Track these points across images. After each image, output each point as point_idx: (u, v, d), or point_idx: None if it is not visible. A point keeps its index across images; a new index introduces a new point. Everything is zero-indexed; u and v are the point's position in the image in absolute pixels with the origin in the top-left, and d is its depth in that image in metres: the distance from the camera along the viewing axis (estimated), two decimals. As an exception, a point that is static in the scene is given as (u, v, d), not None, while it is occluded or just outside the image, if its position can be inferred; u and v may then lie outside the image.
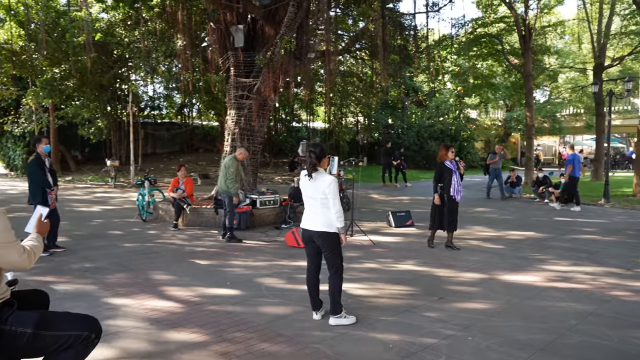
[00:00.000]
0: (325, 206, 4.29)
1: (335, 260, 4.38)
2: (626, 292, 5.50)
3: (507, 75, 27.48)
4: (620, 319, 4.62)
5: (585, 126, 32.26)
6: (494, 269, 6.47)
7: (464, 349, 3.87)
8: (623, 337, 4.15)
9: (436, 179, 7.51)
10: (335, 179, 4.35)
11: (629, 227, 10.12)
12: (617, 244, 8.33)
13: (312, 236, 4.40)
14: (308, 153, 4.35)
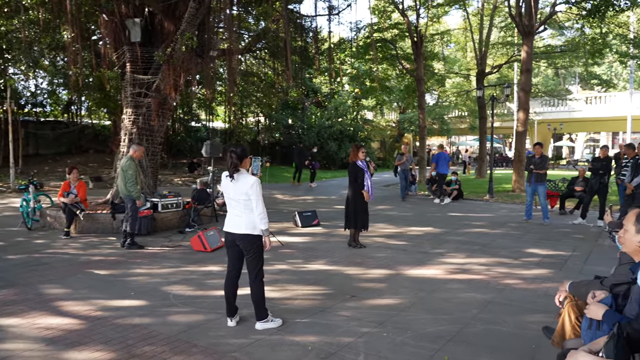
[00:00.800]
0: (248, 208, 4.17)
1: (257, 264, 4.28)
2: (516, 280, 6.00)
3: (401, 79, 28.91)
4: (514, 305, 5.03)
5: (470, 127, 34.94)
6: (400, 264, 6.74)
7: (380, 345, 3.97)
8: (519, 322, 4.51)
9: (351, 179, 7.65)
10: (258, 179, 4.24)
11: (512, 220, 11.10)
12: (503, 236, 9.08)
13: (236, 239, 4.26)
14: (229, 153, 4.19)
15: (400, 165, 15.27)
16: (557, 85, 40.43)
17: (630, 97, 29.04)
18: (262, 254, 4.33)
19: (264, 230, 4.21)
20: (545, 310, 4.81)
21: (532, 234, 9.31)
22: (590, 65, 24.56)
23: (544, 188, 10.55)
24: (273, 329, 4.29)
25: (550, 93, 33.53)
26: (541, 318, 4.61)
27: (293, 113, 29.99)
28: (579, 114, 33.34)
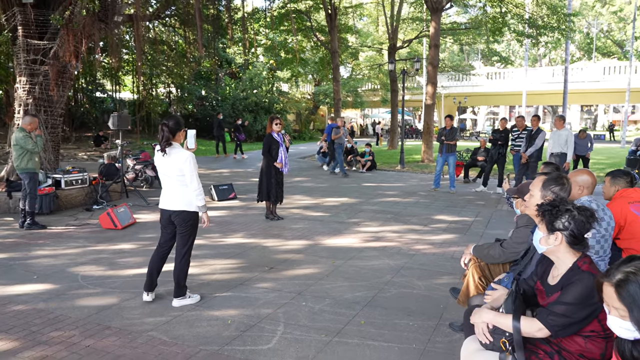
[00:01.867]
0: (182, 184, 4.04)
1: (187, 241, 4.18)
2: (426, 246, 6.36)
3: (316, 51, 28.92)
4: (424, 269, 5.33)
5: (382, 100, 35.92)
6: (317, 234, 6.87)
7: (299, 314, 4.05)
8: (429, 285, 4.80)
9: (265, 151, 7.58)
10: (192, 154, 4.08)
11: (421, 189, 11.67)
12: (414, 204, 9.54)
13: (171, 216, 4.12)
14: (160, 126, 4.00)
15: (337, 139, 14.27)
16: (462, 60, 42.51)
17: (525, 73, 31.30)
18: (195, 231, 4.23)
19: (200, 206, 4.10)
20: (452, 273, 5.16)
21: (440, 201, 9.86)
22: (491, 43, 26.02)
23: (454, 158, 11.15)
24: (191, 305, 4.23)
25: (456, 68, 35.22)
26: (449, 280, 4.94)
27: (206, 84, 29.04)
28: (481, 89, 35.46)
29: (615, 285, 1.56)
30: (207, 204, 4.33)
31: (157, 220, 7.66)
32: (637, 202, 3.96)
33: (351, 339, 3.60)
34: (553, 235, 2.16)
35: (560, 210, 2.16)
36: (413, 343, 3.54)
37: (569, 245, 2.15)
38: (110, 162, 10.27)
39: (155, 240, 6.54)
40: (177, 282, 4.20)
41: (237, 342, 3.54)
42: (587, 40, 43.49)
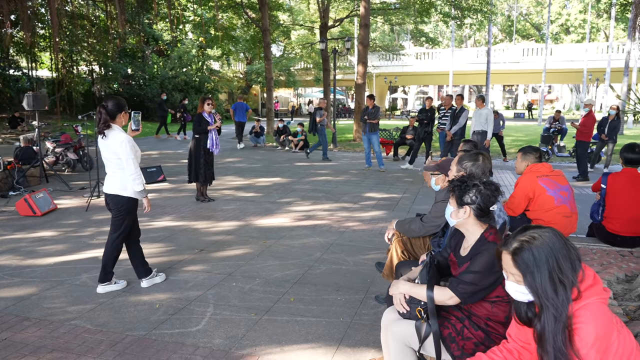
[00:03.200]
0: (120, 167, 3.92)
1: (119, 226, 4.06)
2: (356, 223, 6.53)
3: (247, 29, 28.34)
4: (354, 245, 5.49)
5: (314, 80, 35.93)
6: (248, 215, 6.86)
7: (229, 295, 4.06)
8: (357, 261, 4.96)
9: (195, 131, 7.41)
10: (129, 137, 3.94)
11: (353, 167, 11.91)
12: (345, 182, 9.73)
13: (107, 200, 4.03)
14: (98, 108, 3.84)
15: (321, 121, 13.35)
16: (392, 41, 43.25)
17: (452, 54, 32.40)
18: (129, 217, 4.10)
19: (139, 191, 3.98)
20: (379, 248, 5.35)
21: (370, 179, 10.12)
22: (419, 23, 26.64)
23: (377, 137, 11.37)
24: (117, 291, 4.13)
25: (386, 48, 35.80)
26: (376, 255, 5.12)
27: (132, 62, 27.73)
28: (411, 69, 36.34)
29: (512, 253, 1.70)
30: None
31: (80, 205, 7.37)
32: (544, 176, 4.27)
33: (280, 316, 3.67)
34: (462, 209, 2.31)
35: (468, 186, 2.31)
36: (340, 317, 3.67)
37: (477, 217, 2.31)
38: (27, 145, 9.64)
39: (79, 226, 6.32)
40: (104, 267, 4.09)
41: (166, 325, 3.51)
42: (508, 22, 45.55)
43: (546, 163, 4.48)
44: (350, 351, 3.18)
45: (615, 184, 4.27)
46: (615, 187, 4.26)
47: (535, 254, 1.64)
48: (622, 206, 4.18)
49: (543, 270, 1.63)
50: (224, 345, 3.23)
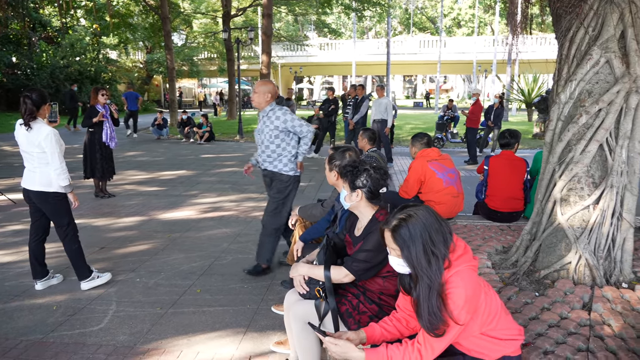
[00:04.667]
0: (43, 162, 3.71)
1: (61, 222, 3.88)
2: (262, 212, 6.58)
3: (145, 16, 27.07)
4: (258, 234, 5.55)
5: (219, 70, 35.23)
6: (152, 209, 6.68)
7: (133, 291, 3.98)
8: (264, 249, 5.04)
9: (86, 124, 7.01)
10: (54, 130, 3.74)
11: (260, 158, 11.92)
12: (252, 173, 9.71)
13: (30, 196, 3.82)
14: (22, 99, 3.63)
15: None
16: (297, 31, 43.49)
17: (354, 45, 33.30)
18: (64, 210, 3.94)
19: (64, 186, 3.83)
20: (285, 235, 5.47)
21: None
22: (321, 14, 27.06)
23: None
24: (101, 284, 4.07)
25: (291, 38, 35.95)
26: (282, 242, 5.23)
27: (17, 50, 25.34)
28: (315, 59, 36.83)
29: (391, 230, 1.88)
30: (21, 185, 3.94)
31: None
32: (434, 160, 4.63)
33: (187, 308, 3.67)
34: (354, 192, 2.47)
35: (359, 170, 2.48)
36: (247, 304, 3.75)
37: (368, 200, 2.49)
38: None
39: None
40: (74, 263, 4.00)
41: (65, 327, 3.37)
42: (406, 15, 47.62)
43: (435, 148, 4.86)
44: (257, 336, 3.27)
45: (495, 166, 4.74)
46: (495, 168, 4.73)
47: (410, 230, 1.83)
48: (501, 185, 4.65)
49: (418, 244, 1.82)
50: (128, 342, 3.18)
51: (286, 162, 4.24)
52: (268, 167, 4.27)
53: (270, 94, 4.13)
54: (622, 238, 3.27)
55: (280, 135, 4.14)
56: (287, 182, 4.27)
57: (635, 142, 3.27)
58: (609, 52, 3.28)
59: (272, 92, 4.15)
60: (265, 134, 4.15)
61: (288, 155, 4.23)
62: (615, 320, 2.72)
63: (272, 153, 4.19)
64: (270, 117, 4.13)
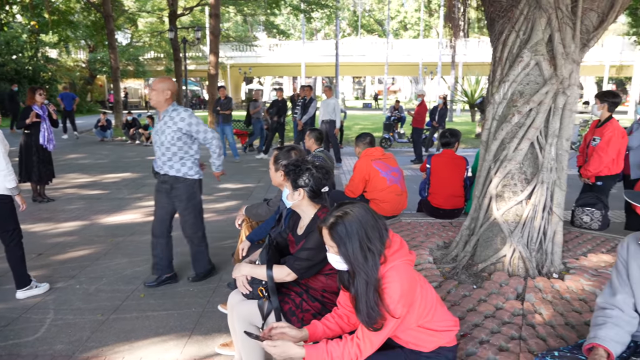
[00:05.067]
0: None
1: (7, 226, 3.71)
2: (210, 214, 6.52)
3: (87, 14, 26.07)
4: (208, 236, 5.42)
5: (166, 70, 34.41)
6: (94, 213, 6.46)
7: (72, 298, 3.84)
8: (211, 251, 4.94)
9: (20, 125, 6.68)
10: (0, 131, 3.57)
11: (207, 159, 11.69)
12: (201, 175, 9.57)
13: None
14: None
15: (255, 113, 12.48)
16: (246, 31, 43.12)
17: (303, 46, 33.40)
18: (10, 214, 3.77)
19: (11, 188, 3.70)
20: (234, 237, 5.43)
21: (225, 170, 10.08)
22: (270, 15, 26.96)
23: (230, 128, 11.37)
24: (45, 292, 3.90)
25: (240, 39, 35.61)
26: (231, 243, 5.21)
27: (-57, 47, 23.82)
28: (265, 60, 36.64)
29: (328, 228, 1.91)
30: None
31: None
32: (378, 160, 4.73)
33: (130, 313, 3.58)
34: (297, 191, 2.49)
35: (301, 169, 2.50)
36: (192, 307, 3.70)
37: (310, 199, 2.51)
38: None
39: None
40: (14, 270, 3.82)
41: (-3, 338, 3.21)
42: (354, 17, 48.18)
43: (378, 147, 4.96)
44: (202, 339, 3.23)
45: (436, 165, 4.89)
46: (436, 167, 4.88)
47: (347, 227, 1.87)
48: (443, 183, 4.81)
49: (354, 241, 1.86)
50: (66, 350, 3.07)
51: (190, 165, 4.01)
52: (169, 172, 3.95)
53: (170, 92, 3.83)
54: (553, 231, 3.46)
55: (183, 138, 3.87)
56: (192, 186, 4.07)
57: (563, 140, 3.47)
58: (538, 54, 3.46)
59: (172, 90, 3.86)
60: (167, 135, 3.83)
61: (191, 159, 4.01)
62: (546, 308, 2.87)
63: (173, 156, 3.90)
64: (173, 118, 3.83)
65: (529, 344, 2.51)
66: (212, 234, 5.54)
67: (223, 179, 9.02)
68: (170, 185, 4.01)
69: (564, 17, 3.45)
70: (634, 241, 2.02)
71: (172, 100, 3.90)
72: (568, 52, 3.44)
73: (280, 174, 3.12)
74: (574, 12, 3.46)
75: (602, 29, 3.60)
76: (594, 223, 4.73)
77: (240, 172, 9.95)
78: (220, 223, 6.08)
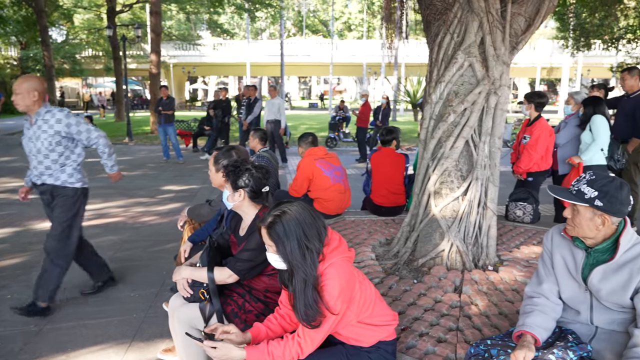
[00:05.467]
0: None
1: None
2: (153, 217, 6.37)
3: (17, 9, 24.69)
4: (149, 240, 5.35)
5: (105, 69, 33.16)
6: (27, 219, 6.15)
7: (2, 309, 3.64)
8: (153, 255, 4.88)
9: None
10: None
11: (150, 161, 11.44)
12: (142, 176, 9.32)
13: None
14: None
15: None
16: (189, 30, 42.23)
17: (248, 45, 33.11)
18: None
19: None
20: (177, 239, 5.31)
21: (169, 172, 9.88)
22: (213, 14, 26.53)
23: (173, 128, 11.09)
24: None
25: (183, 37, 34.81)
26: (173, 246, 5.09)
27: None
28: (209, 59, 36.00)
29: (267, 227, 1.92)
30: None
31: None
32: (321, 159, 4.77)
33: (66, 322, 3.44)
34: (237, 192, 2.48)
35: (241, 170, 2.49)
36: (133, 313, 3.59)
37: (251, 199, 2.51)
38: None
39: None
40: None
41: None
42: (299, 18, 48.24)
43: (321, 146, 5.00)
44: (144, 345, 3.15)
45: (377, 162, 4.99)
46: (377, 164, 4.99)
47: (285, 226, 1.88)
48: (384, 181, 4.92)
49: (292, 239, 1.87)
50: (-5, 364, 2.91)
51: (71, 172, 3.59)
52: (47, 181, 3.56)
53: (37, 92, 3.37)
54: (487, 225, 3.62)
55: (63, 142, 3.48)
56: (73, 196, 3.62)
57: (495, 138, 3.64)
58: (471, 56, 3.61)
59: (39, 89, 3.40)
60: (43, 140, 3.41)
61: (73, 165, 3.60)
62: (481, 299, 3.00)
63: (52, 164, 3.51)
64: (48, 121, 3.41)
65: (466, 334, 2.62)
66: (152, 238, 5.46)
67: (166, 180, 8.87)
68: (50, 195, 3.64)
69: (494, 21, 3.61)
70: (557, 232, 2.15)
71: (42, 101, 3.45)
72: (499, 54, 3.61)
73: (220, 174, 3.09)
74: (504, 17, 3.63)
75: (529, 32, 3.80)
76: (526, 217, 4.98)
77: (184, 173, 9.75)
78: (162, 226, 5.94)
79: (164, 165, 10.79)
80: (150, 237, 5.48)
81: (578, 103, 5.11)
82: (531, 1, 3.71)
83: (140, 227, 5.89)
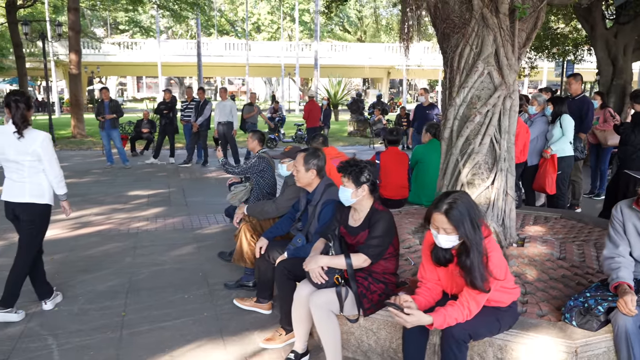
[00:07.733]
0: (35, 171, 3.46)
1: (35, 240, 3.58)
2: (142, 222, 6.26)
3: None
4: (158, 245, 5.32)
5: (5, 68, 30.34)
6: (7, 233, 5.78)
7: (62, 321, 3.55)
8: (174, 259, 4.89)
9: None
10: (48, 134, 3.43)
11: (92, 166, 10.87)
12: (95, 183, 8.93)
13: (16, 210, 3.49)
14: (13, 103, 3.32)
15: (250, 118, 12.13)
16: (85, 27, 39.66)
17: (159, 45, 31.99)
18: (44, 228, 3.64)
19: (62, 195, 3.66)
20: (187, 243, 5.37)
21: (122, 177, 9.54)
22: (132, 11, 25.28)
23: (117, 132, 10.64)
24: None
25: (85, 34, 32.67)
26: (190, 250, 5.15)
27: None
28: (115, 58, 34.24)
29: (445, 213, 2.28)
30: None
31: None
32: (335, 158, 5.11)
33: (140, 327, 3.46)
34: (360, 187, 2.79)
35: (361, 167, 2.80)
36: (202, 312, 3.69)
37: (370, 193, 2.83)
38: None
39: None
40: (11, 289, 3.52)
41: (6, 371, 2.92)
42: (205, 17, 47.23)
43: (333, 147, 5.35)
44: (237, 339, 3.30)
45: (385, 160, 5.45)
46: (385, 162, 5.44)
47: (461, 210, 2.26)
48: (393, 176, 5.39)
49: (467, 221, 2.26)
50: (101, 371, 2.93)
51: None
52: None
53: None
54: (509, 209, 4.22)
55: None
56: None
57: (511, 135, 4.25)
58: (489, 65, 4.17)
59: None
60: None
61: None
62: (530, 270, 3.57)
63: None
64: None
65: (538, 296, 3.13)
66: (159, 243, 5.47)
67: (126, 186, 8.58)
68: None
69: (505, 35, 4.21)
70: (626, 205, 2.75)
71: None
72: (510, 64, 4.21)
73: (310, 174, 3.34)
74: (512, 32, 4.25)
75: (528, 45, 4.47)
76: (512, 203, 5.72)
77: (140, 178, 9.47)
78: (160, 231, 5.90)
79: (111, 170, 10.36)
80: (156, 241, 5.45)
81: (541, 104, 5.96)
82: (530, 19, 4.38)
83: (137, 232, 5.80)
